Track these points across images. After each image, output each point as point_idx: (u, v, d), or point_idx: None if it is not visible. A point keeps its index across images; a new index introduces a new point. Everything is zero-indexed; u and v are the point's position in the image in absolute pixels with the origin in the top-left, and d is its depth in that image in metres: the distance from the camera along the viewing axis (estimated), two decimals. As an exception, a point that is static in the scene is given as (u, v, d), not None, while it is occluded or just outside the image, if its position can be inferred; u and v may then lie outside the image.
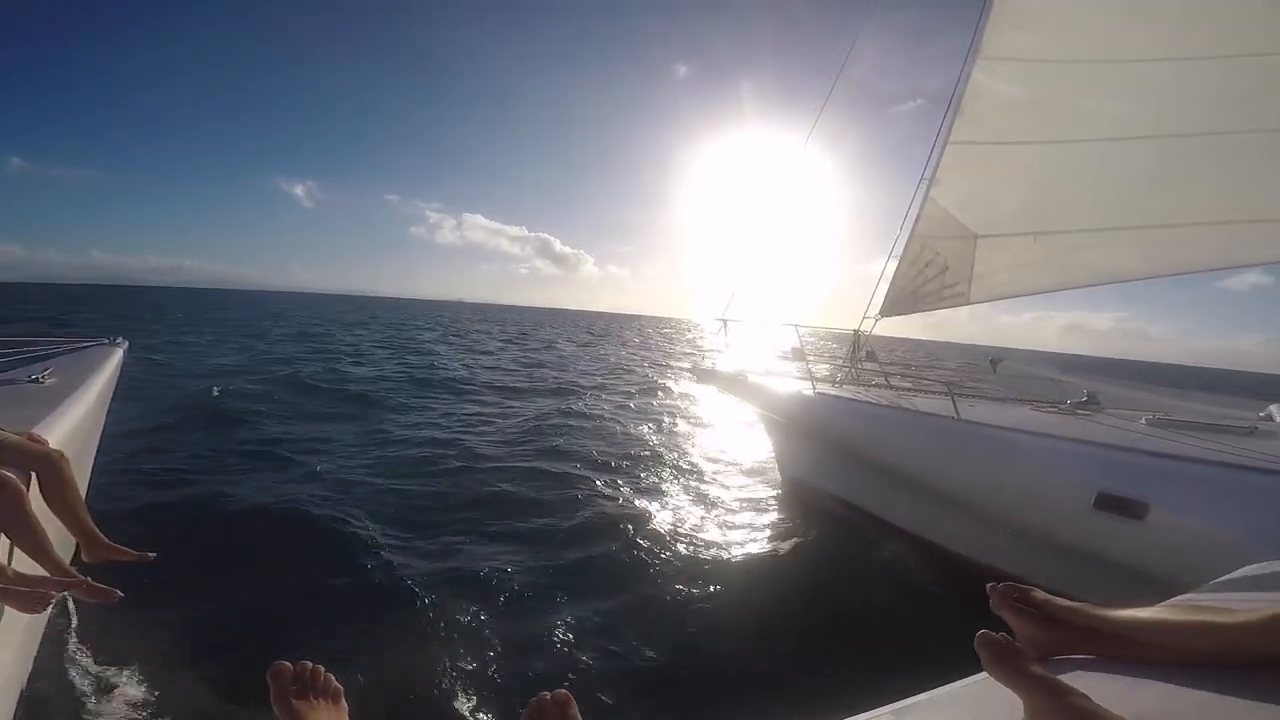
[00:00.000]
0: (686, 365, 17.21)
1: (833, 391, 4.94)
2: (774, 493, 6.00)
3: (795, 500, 5.52)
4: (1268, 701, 0.95)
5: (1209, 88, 4.56)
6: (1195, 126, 4.62)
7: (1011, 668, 0.98)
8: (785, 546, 4.72)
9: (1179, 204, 4.70)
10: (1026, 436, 3.56)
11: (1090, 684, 1.09)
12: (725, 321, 5.70)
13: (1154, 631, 1.14)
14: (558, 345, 28.93)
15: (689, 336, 49.20)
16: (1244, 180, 4.52)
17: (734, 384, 5.70)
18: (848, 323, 5.56)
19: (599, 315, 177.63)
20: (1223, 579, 1.85)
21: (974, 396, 5.19)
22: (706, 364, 6.73)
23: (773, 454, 6.22)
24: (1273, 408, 5.60)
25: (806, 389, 4.89)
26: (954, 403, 4.03)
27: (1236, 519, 2.59)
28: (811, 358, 5.44)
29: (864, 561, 4.26)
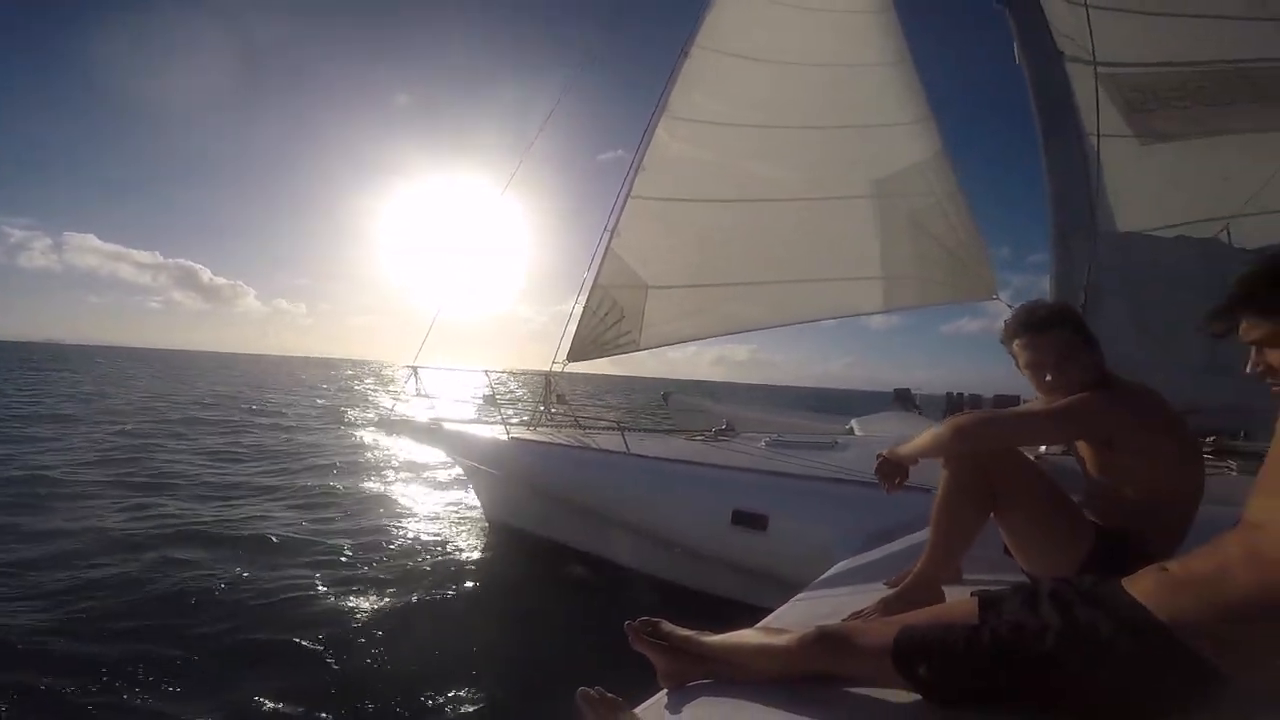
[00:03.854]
0: (372, 416, 15.74)
1: (527, 435, 5.06)
2: (480, 537, 5.86)
3: (501, 540, 5.52)
4: (805, 715, 1.16)
5: (836, 155, 5.63)
6: (823, 191, 5.69)
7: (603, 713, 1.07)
8: (492, 583, 4.81)
9: (802, 261, 5.74)
10: (680, 465, 4.08)
11: (703, 708, 1.23)
12: (415, 370, 5.42)
13: (739, 654, 1.30)
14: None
15: (366, 384, 45.18)
16: (853, 240, 5.74)
17: (429, 434, 5.43)
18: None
19: (259, 359, 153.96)
20: (822, 577, 2.23)
21: (643, 430, 5.80)
22: (396, 415, 6.30)
23: (476, 498, 6.13)
24: (853, 422, 7.36)
25: (501, 434, 4.92)
26: (624, 439, 4.53)
27: (827, 523, 3.21)
28: (518, 400, 5.54)
29: (558, 584, 4.52)
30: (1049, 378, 1.74)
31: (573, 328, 5.59)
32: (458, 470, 6.85)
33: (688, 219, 5.78)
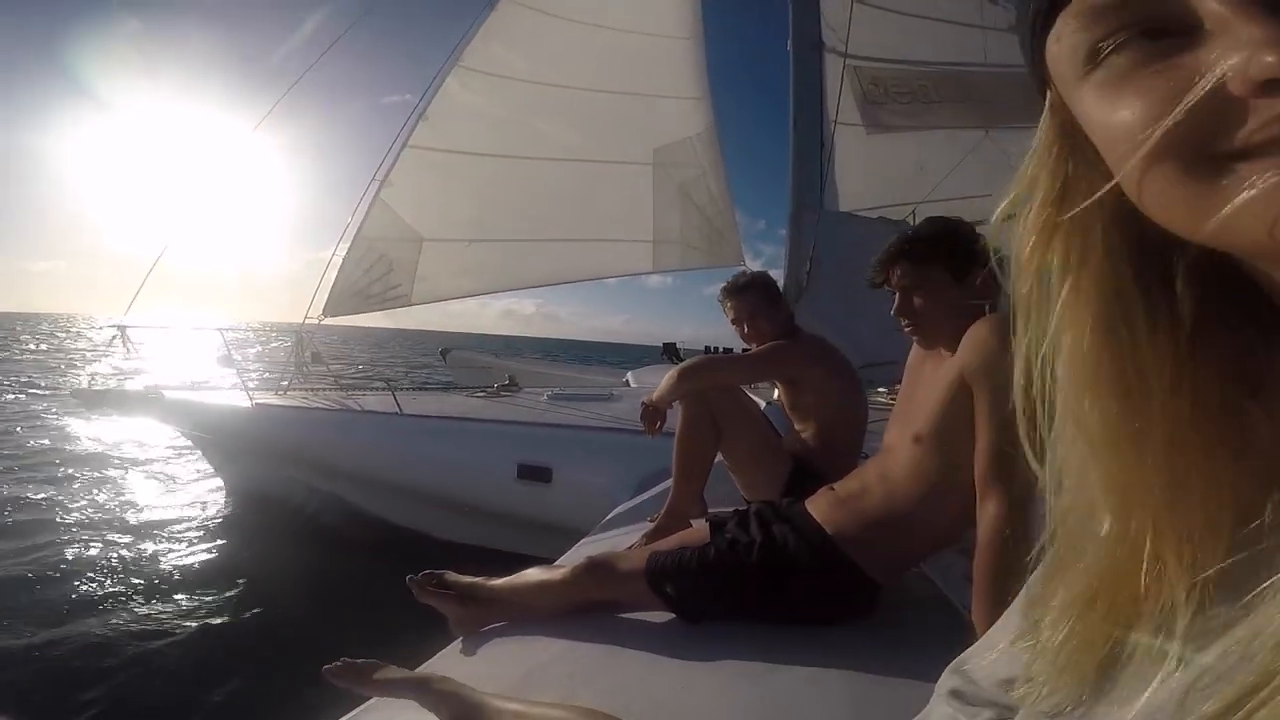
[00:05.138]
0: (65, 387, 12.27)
1: (276, 401, 4.50)
2: (227, 518, 5.11)
3: (256, 517, 4.88)
4: (590, 641, 1.30)
5: (621, 121, 5.74)
6: (605, 155, 5.78)
7: (361, 680, 1.08)
8: (255, 566, 4.23)
9: (582, 221, 5.85)
10: (461, 423, 4.01)
11: (495, 648, 1.32)
12: (123, 329, 4.44)
13: (523, 593, 1.41)
14: None
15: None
16: (628, 204, 5.93)
17: (146, 404, 4.54)
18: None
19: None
20: (603, 521, 2.39)
21: (417, 389, 5.56)
22: (99, 384, 5.16)
23: (213, 473, 5.32)
24: (629, 375, 7.82)
25: (244, 401, 4.31)
26: (396, 399, 4.29)
27: (605, 471, 3.41)
28: (259, 362, 4.84)
29: (331, 555, 4.14)
30: (746, 330, 2.15)
31: (332, 276, 5.09)
32: (185, 443, 5.85)
33: (470, 172, 5.58)
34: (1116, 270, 0.29)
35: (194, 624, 3.54)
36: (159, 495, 5.97)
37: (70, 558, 4.29)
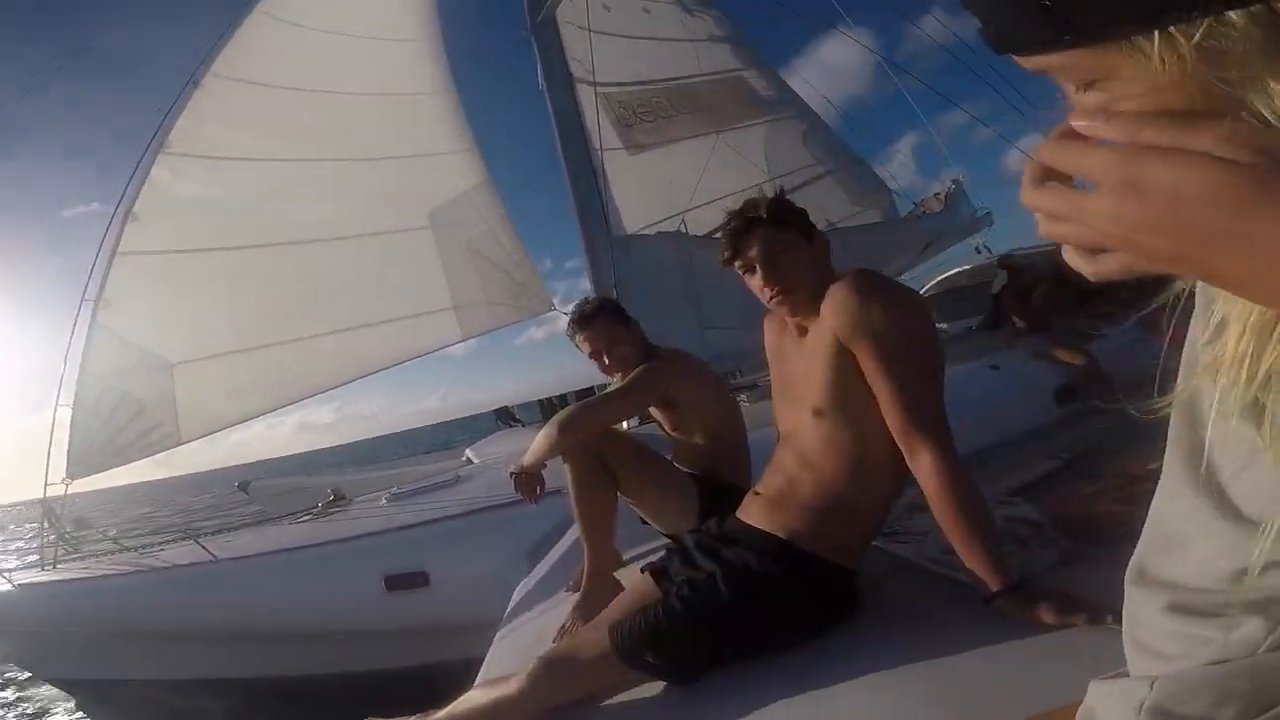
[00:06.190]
0: None
1: (43, 578, 3.66)
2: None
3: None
4: None
5: (388, 188, 5.32)
6: (375, 227, 5.33)
7: None
8: None
9: (369, 304, 5.29)
10: (298, 552, 3.54)
11: None
12: None
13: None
14: None
15: None
16: (417, 274, 5.49)
17: None
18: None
19: None
20: (510, 608, 2.14)
21: (224, 531, 4.74)
22: None
23: None
24: (468, 452, 7.25)
25: (3, 585, 3.48)
26: (203, 546, 3.69)
27: (489, 556, 3.11)
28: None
29: None
30: (607, 361, 1.99)
31: (64, 435, 4.12)
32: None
33: (209, 272, 4.81)
34: None
35: None
36: None
37: None
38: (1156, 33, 0.26)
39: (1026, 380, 4.19)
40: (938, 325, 1.53)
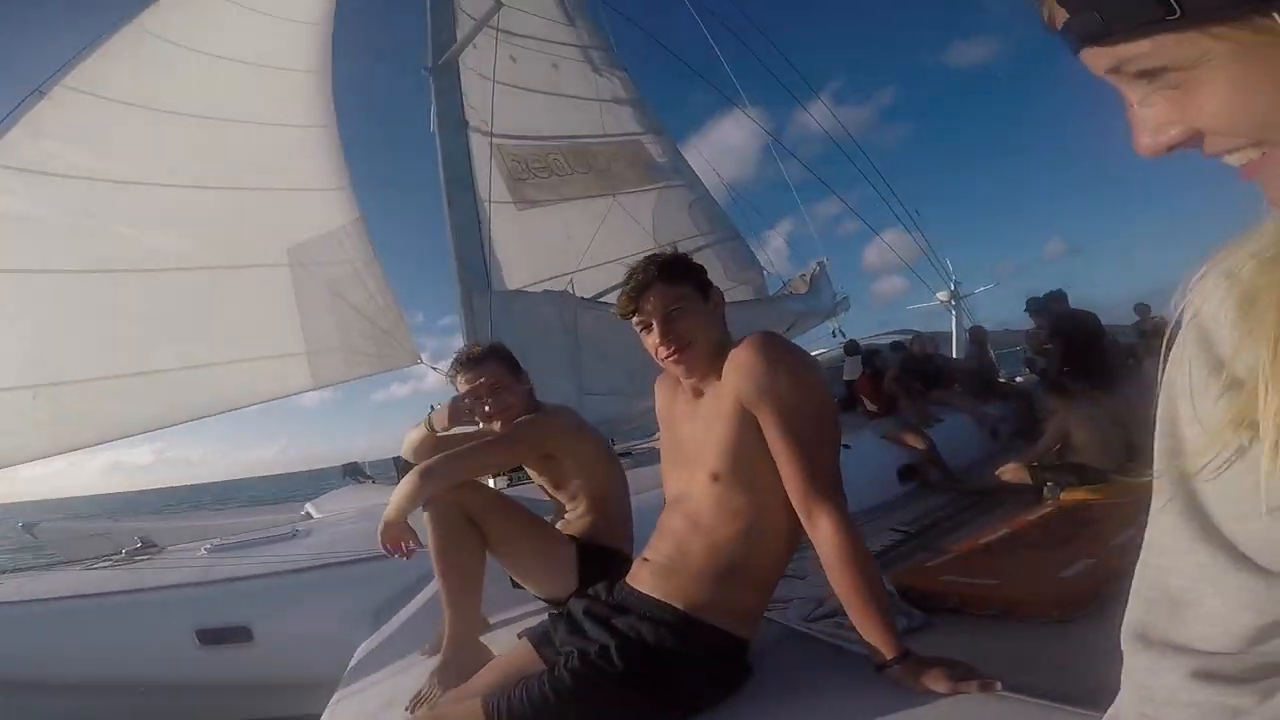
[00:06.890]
0: None
1: None
2: None
3: None
4: None
5: (246, 219, 4.86)
6: (224, 260, 4.82)
7: None
8: None
9: (210, 341, 4.76)
10: (89, 600, 3.11)
11: None
12: None
13: None
14: None
15: None
16: (266, 314, 4.99)
17: None
18: None
19: None
20: (352, 667, 2.00)
21: (4, 572, 4.15)
22: None
23: None
24: (308, 506, 6.63)
25: None
26: None
27: (328, 612, 2.85)
28: None
29: None
30: (488, 407, 1.89)
31: None
32: None
33: (18, 296, 4.19)
34: None
35: None
36: None
37: None
38: (1275, 13, 0.27)
39: (874, 459, 4.51)
40: None
